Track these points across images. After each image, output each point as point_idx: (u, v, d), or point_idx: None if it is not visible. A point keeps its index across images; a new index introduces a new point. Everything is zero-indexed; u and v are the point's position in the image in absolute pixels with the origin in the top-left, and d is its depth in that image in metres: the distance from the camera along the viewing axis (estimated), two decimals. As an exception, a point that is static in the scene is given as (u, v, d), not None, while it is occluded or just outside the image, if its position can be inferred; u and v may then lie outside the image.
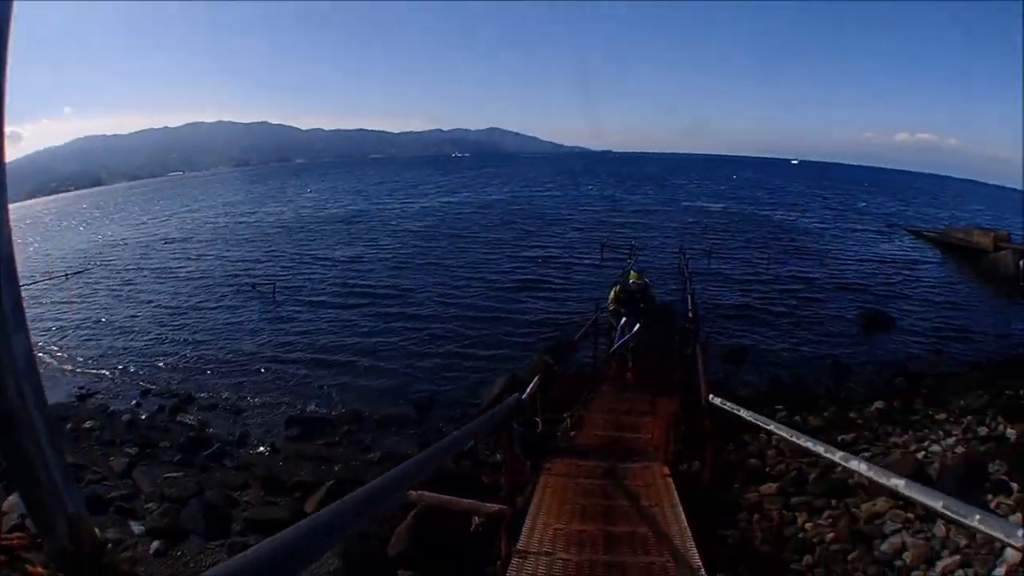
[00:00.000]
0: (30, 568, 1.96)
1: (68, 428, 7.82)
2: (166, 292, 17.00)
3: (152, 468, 6.59)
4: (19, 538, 2.26)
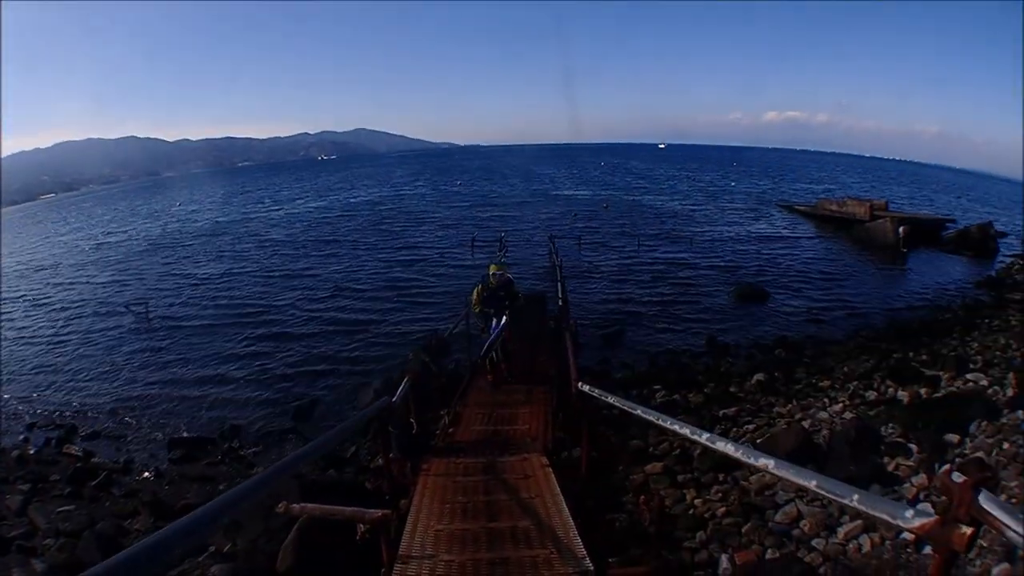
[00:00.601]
0: None
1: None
2: (41, 323, 16.05)
3: (45, 503, 6.52)
4: None
